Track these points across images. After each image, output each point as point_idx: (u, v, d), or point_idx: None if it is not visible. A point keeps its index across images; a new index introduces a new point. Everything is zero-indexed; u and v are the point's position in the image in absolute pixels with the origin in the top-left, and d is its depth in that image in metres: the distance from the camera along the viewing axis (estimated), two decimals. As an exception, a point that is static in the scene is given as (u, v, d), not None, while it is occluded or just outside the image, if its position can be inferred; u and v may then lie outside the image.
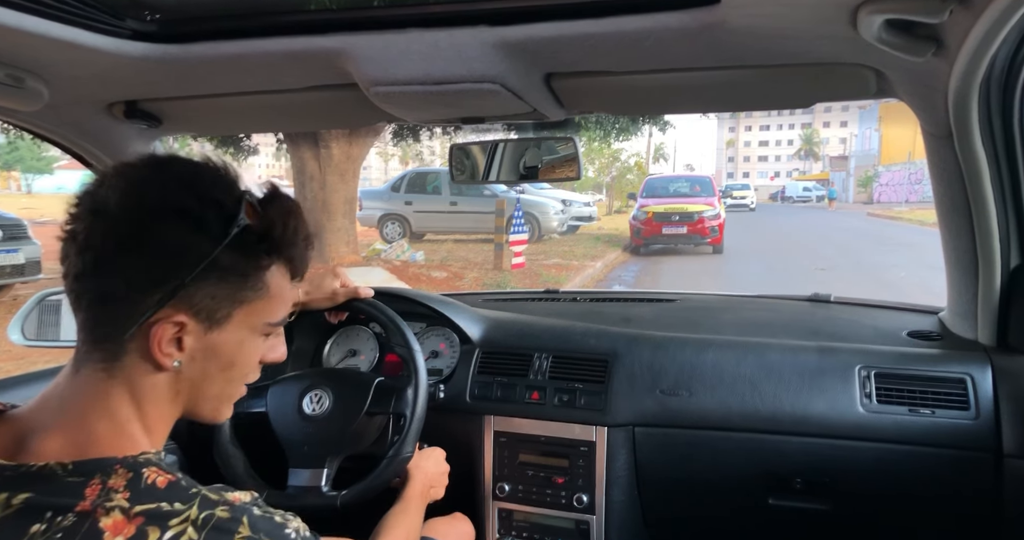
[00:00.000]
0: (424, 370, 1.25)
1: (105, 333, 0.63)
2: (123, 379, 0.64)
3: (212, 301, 0.64)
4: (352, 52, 0.99)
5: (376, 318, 1.32)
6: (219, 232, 0.63)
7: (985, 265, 1.21)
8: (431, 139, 12.02)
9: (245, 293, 0.66)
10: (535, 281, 8.73)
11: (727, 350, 1.38)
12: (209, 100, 1.23)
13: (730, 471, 1.31)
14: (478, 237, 12.79)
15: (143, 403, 0.65)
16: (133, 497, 0.57)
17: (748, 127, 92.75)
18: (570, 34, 0.93)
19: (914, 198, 32.95)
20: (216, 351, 0.67)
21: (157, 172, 0.66)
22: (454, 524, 1.26)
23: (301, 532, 0.64)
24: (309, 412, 1.23)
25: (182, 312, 0.63)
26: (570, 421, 1.37)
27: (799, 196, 45.32)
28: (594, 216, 16.36)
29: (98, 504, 0.56)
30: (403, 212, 13.63)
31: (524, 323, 1.57)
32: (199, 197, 0.63)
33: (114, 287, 0.61)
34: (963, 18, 0.78)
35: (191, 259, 0.62)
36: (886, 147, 42.13)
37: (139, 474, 0.59)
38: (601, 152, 25.45)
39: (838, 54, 0.98)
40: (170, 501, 0.58)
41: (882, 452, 1.22)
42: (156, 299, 0.61)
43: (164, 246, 0.62)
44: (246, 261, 0.65)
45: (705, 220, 12.17)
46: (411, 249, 11.19)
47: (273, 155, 42.41)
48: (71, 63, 1.00)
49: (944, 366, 1.26)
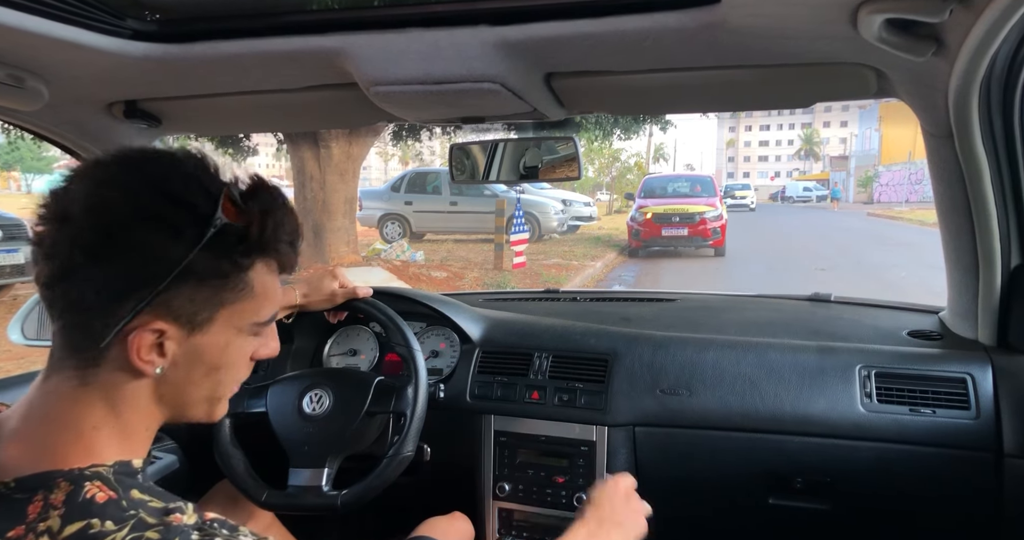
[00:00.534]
0: (424, 369, 1.25)
1: (81, 341, 0.60)
2: (98, 386, 0.60)
3: (192, 304, 0.60)
4: (352, 52, 0.99)
5: (375, 317, 1.33)
6: (194, 235, 0.58)
7: (985, 265, 1.21)
8: (431, 139, 12.02)
9: (226, 294, 0.62)
10: (535, 281, 8.72)
11: (727, 350, 1.38)
12: (209, 100, 1.23)
13: (730, 471, 1.31)
14: (478, 237, 12.79)
15: (122, 410, 0.61)
16: (67, 514, 0.53)
17: (748, 127, 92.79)
18: (570, 34, 0.93)
19: (914, 198, 33.03)
20: (200, 355, 0.63)
21: (125, 172, 0.61)
22: (453, 523, 1.25)
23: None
24: (309, 412, 1.23)
25: (160, 319, 0.59)
26: (570, 421, 1.37)
27: (799, 196, 45.38)
28: (594, 216, 16.38)
29: (31, 527, 0.53)
30: (403, 212, 13.67)
31: (524, 323, 1.57)
32: (171, 199, 0.59)
33: (85, 296, 0.58)
34: (963, 17, 0.78)
35: (165, 265, 0.58)
36: (886, 147, 42.28)
37: (79, 487, 0.55)
38: (601, 152, 25.46)
39: (838, 54, 0.98)
40: (102, 519, 0.53)
41: (882, 452, 1.22)
42: (131, 306, 0.58)
43: (135, 254, 0.58)
44: (225, 262, 0.61)
45: (707, 221, 11.70)
46: (411, 249, 11.19)
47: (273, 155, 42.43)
48: (71, 63, 1.00)
49: (944, 366, 1.26)
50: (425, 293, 1.63)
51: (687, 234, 11.75)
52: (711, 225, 11.72)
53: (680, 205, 12.18)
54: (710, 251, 12.00)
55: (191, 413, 0.67)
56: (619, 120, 9.17)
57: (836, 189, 35.77)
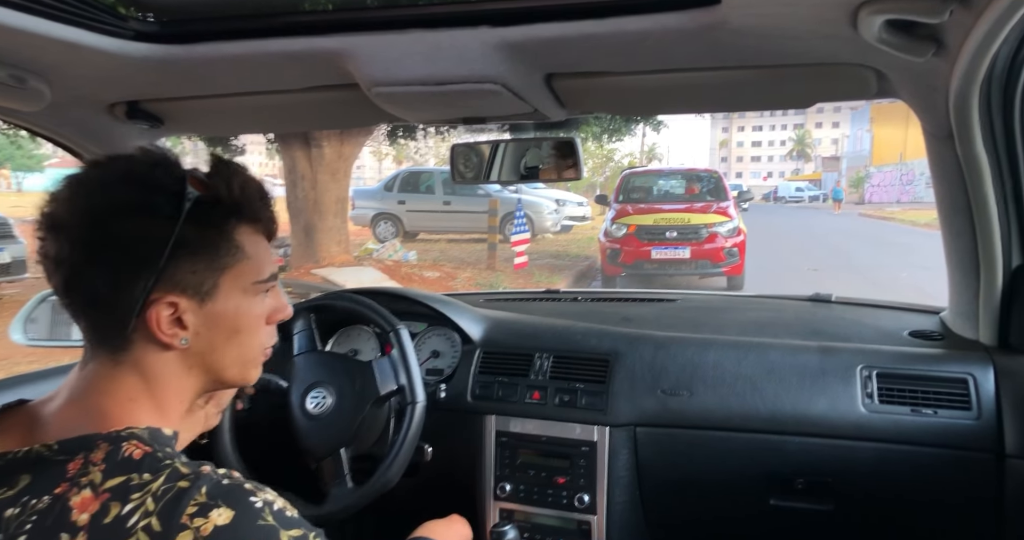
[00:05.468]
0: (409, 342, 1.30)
1: (106, 332, 0.66)
2: (131, 364, 0.67)
3: (194, 276, 0.67)
4: (354, 53, 0.99)
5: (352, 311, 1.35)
6: (172, 212, 0.65)
7: (986, 265, 1.21)
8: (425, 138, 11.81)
9: (223, 260, 0.68)
10: (528, 281, 8.53)
11: (728, 350, 1.38)
12: (211, 100, 1.23)
13: (731, 471, 1.31)
14: (472, 237, 12.69)
15: (154, 384, 0.67)
16: (107, 470, 0.58)
17: (741, 127, 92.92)
18: (571, 35, 0.93)
19: (905, 199, 33.19)
20: (217, 321, 0.69)
21: (97, 173, 0.68)
22: (451, 526, 1.25)
23: (274, 505, 0.61)
24: (313, 411, 1.23)
25: (170, 293, 0.65)
26: (571, 421, 1.37)
27: (791, 196, 45.34)
28: (588, 216, 16.35)
29: (74, 482, 0.58)
30: (396, 211, 13.52)
31: (525, 323, 1.57)
32: (143, 186, 0.66)
33: (98, 291, 0.64)
34: (964, 18, 0.78)
35: (157, 245, 0.64)
36: (877, 148, 42.60)
37: (118, 447, 0.60)
38: (594, 153, 25.49)
39: (838, 54, 0.98)
40: (140, 472, 0.58)
41: (884, 452, 1.22)
42: (140, 289, 0.64)
43: (128, 241, 0.64)
44: (211, 231, 0.68)
45: (718, 237, 7.82)
46: (403, 249, 11.07)
47: (266, 154, 42.39)
48: (73, 63, 1.00)
49: (946, 366, 1.26)
50: (426, 293, 1.63)
51: (689, 257, 7.91)
52: (724, 243, 7.85)
53: (677, 213, 8.26)
54: (721, 279, 8.10)
55: (226, 377, 0.73)
56: (612, 120, 8.95)
57: (838, 190, 34.60)
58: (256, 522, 0.58)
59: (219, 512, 0.57)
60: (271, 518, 0.59)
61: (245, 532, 0.57)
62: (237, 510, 0.58)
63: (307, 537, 0.60)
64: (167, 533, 0.55)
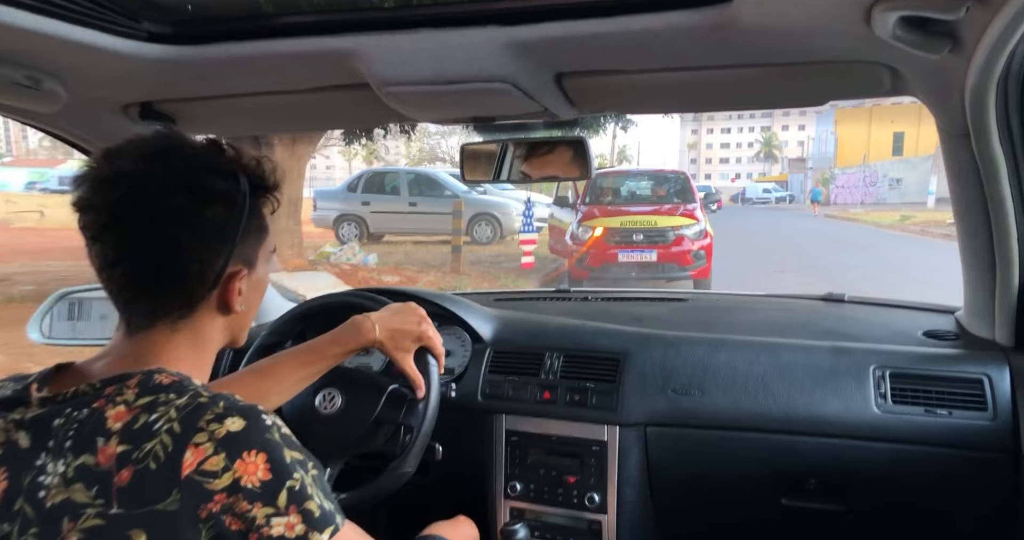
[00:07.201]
0: (438, 388, 1.21)
1: (173, 304, 0.74)
2: (189, 329, 0.75)
3: (250, 248, 0.79)
4: (364, 52, 1.00)
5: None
6: (240, 196, 0.75)
7: (1003, 264, 1.19)
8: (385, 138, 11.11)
9: (261, 234, 0.81)
10: (493, 283, 8.10)
11: (740, 350, 1.37)
12: (223, 101, 1.24)
13: (743, 471, 1.30)
14: (439, 239, 12.11)
15: (201, 345, 0.77)
16: (139, 393, 0.67)
17: (710, 129, 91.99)
18: (581, 33, 0.93)
19: (869, 200, 33.26)
20: (256, 287, 0.82)
21: (173, 161, 0.74)
22: (458, 527, 1.25)
23: (282, 429, 0.68)
24: (322, 411, 1.23)
25: (239, 264, 0.77)
26: (582, 420, 1.37)
27: (759, 198, 45.12)
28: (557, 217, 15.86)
29: (110, 399, 0.66)
30: (360, 213, 12.90)
31: (535, 322, 1.57)
32: (221, 174, 0.75)
33: (188, 266, 0.73)
34: (980, 14, 0.77)
35: (236, 225, 0.75)
36: (841, 150, 42.78)
37: (150, 377, 0.69)
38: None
39: (852, 52, 0.97)
40: (167, 393, 0.67)
41: (897, 453, 1.21)
42: (220, 264, 0.75)
43: (210, 222, 0.73)
44: (259, 206, 0.80)
45: (685, 240, 7.76)
46: (363, 252, 10.45)
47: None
48: (88, 65, 1.01)
49: (961, 366, 1.25)
50: (436, 292, 1.64)
51: (655, 260, 7.77)
52: (691, 246, 7.79)
53: (644, 215, 8.08)
54: (687, 281, 7.93)
55: (240, 337, 0.84)
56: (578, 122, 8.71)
57: (817, 190, 33.36)
58: (264, 435, 0.66)
59: (233, 420, 0.65)
60: (278, 436, 0.67)
61: (254, 440, 0.65)
62: (249, 421, 0.66)
63: (306, 464, 0.67)
64: (186, 434, 0.63)
